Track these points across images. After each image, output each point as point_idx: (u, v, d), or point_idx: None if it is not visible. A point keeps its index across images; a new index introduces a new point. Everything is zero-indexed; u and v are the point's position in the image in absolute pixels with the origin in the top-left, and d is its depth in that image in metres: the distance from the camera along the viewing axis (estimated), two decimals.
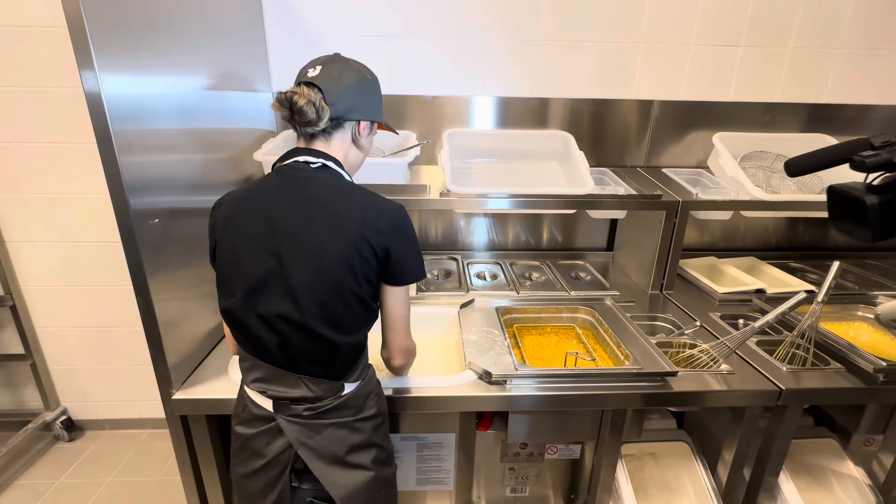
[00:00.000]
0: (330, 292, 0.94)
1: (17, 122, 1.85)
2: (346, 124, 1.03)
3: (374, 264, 0.96)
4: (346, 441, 1.00)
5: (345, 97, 0.99)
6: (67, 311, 2.14)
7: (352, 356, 1.01)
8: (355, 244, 0.93)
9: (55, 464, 2.17)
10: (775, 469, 1.35)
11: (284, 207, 0.95)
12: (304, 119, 0.95)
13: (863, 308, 1.60)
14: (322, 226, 0.93)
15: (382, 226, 0.95)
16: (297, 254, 0.92)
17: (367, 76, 1.05)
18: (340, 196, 0.97)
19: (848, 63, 1.90)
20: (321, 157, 1.00)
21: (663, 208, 1.64)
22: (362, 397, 1.04)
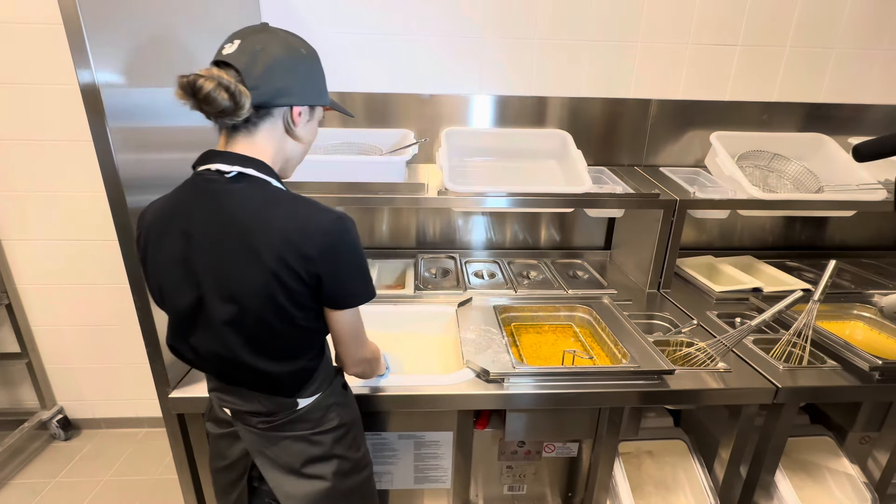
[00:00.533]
0: (256, 328, 0.83)
1: (12, 118, 1.84)
2: (276, 111, 0.84)
3: (305, 291, 0.83)
4: (303, 454, 0.96)
5: (271, 77, 0.80)
6: (63, 309, 2.13)
7: (301, 378, 0.93)
8: (276, 275, 0.79)
9: (51, 463, 2.17)
10: (772, 467, 1.36)
11: (198, 233, 0.81)
12: (215, 109, 0.76)
13: (859, 307, 1.61)
14: (238, 256, 0.79)
15: (310, 249, 0.80)
16: (215, 288, 0.81)
17: (300, 49, 0.86)
18: (259, 215, 0.80)
19: (845, 63, 1.90)
20: (237, 162, 0.82)
21: (661, 207, 1.64)
22: (321, 410, 0.97)
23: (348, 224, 0.85)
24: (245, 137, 0.84)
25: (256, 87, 0.79)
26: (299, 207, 0.83)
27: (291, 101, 0.85)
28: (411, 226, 2.04)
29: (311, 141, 0.95)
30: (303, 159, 0.97)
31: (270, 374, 0.89)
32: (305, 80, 0.86)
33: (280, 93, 0.82)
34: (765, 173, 1.88)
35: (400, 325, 1.59)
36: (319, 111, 0.94)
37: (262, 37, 0.82)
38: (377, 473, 1.37)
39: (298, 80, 0.85)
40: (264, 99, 0.81)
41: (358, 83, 1.84)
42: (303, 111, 0.87)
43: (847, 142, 1.89)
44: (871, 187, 1.66)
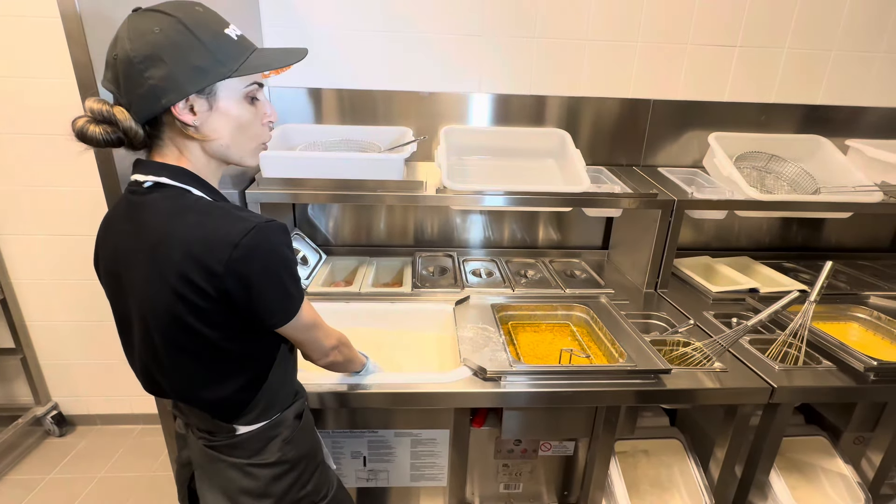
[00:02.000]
0: (168, 350, 0.76)
1: (8, 113, 1.83)
2: (165, 118, 0.73)
3: (216, 308, 0.74)
4: (235, 483, 0.87)
5: (132, 86, 0.68)
6: (58, 305, 2.13)
7: (233, 406, 0.84)
8: (178, 292, 0.71)
9: (46, 459, 2.16)
10: (766, 466, 1.36)
11: (121, 248, 0.77)
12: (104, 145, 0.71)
13: (854, 308, 1.62)
14: (144, 271, 0.73)
15: (214, 263, 0.70)
16: (133, 305, 0.77)
17: (150, 33, 0.67)
18: (164, 228, 0.72)
19: (843, 65, 1.91)
20: (153, 171, 0.75)
21: (659, 207, 1.64)
22: (261, 441, 0.88)
23: (265, 234, 0.73)
24: (159, 149, 0.77)
25: (130, 103, 0.70)
26: (211, 218, 0.73)
27: (164, 103, 0.70)
28: (409, 224, 2.04)
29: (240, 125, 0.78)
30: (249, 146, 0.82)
31: (196, 402, 0.83)
32: (173, 68, 0.69)
33: (147, 99, 0.69)
34: (762, 174, 1.89)
35: (397, 322, 1.59)
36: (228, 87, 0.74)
37: (116, 35, 0.70)
38: (373, 471, 1.37)
39: (160, 74, 0.68)
40: (144, 113, 0.70)
41: (357, 80, 1.83)
42: (192, 105, 0.72)
43: (844, 144, 1.90)
44: (868, 189, 1.66)
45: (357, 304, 1.59)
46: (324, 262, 1.90)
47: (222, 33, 0.73)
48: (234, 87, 0.75)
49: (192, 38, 0.69)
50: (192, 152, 0.77)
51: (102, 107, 0.69)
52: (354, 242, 2.05)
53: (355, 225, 2.03)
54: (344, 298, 1.61)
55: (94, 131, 0.68)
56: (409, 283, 1.72)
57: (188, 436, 0.93)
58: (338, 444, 1.33)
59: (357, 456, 1.35)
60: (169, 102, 0.70)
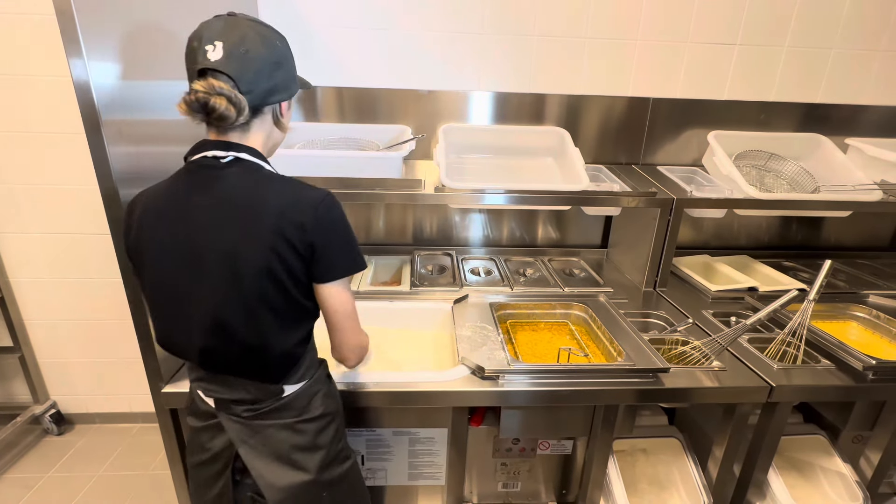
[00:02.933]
0: (252, 302, 0.85)
1: (4, 110, 1.82)
2: (266, 109, 0.89)
3: (299, 264, 0.86)
4: (287, 442, 0.96)
5: (260, 80, 0.84)
6: (57, 303, 2.12)
7: (287, 361, 0.94)
8: (273, 247, 0.83)
9: (44, 457, 2.15)
10: (765, 465, 1.36)
11: (196, 217, 0.84)
12: (224, 122, 0.83)
13: (853, 307, 1.62)
14: (235, 232, 0.83)
15: (304, 219, 0.84)
16: (217, 264, 0.84)
17: (276, 43, 0.88)
18: (255, 193, 0.85)
19: (843, 63, 1.90)
20: (232, 149, 0.87)
21: (658, 206, 1.64)
22: (306, 398, 0.98)
23: (335, 200, 0.89)
24: (240, 132, 0.89)
25: (250, 92, 0.84)
26: (290, 185, 0.88)
27: (280, 98, 0.90)
28: (408, 222, 2.04)
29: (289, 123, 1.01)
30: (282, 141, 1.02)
31: (260, 355, 0.90)
32: (288, 74, 0.91)
33: (270, 93, 0.87)
34: (761, 173, 1.88)
35: (396, 321, 1.58)
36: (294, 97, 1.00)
37: (241, 35, 0.83)
38: (371, 470, 1.37)
39: (283, 76, 0.89)
40: (258, 101, 0.86)
41: (355, 78, 1.83)
42: (287, 103, 0.95)
43: (844, 142, 1.90)
44: (867, 188, 1.66)
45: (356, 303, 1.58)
46: None
47: None
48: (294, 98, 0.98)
49: (291, 55, 0.93)
50: (264, 138, 0.93)
51: (232, 91, 0.81)
52: None
53: (354, 223, 1.99)
54: None
55: (217, 102, 0.79)
56: (408, 282, 1.72)
57: (222, 419, 0.97)
58: None
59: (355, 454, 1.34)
60: (282, 98, 0.91)
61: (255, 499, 1.07)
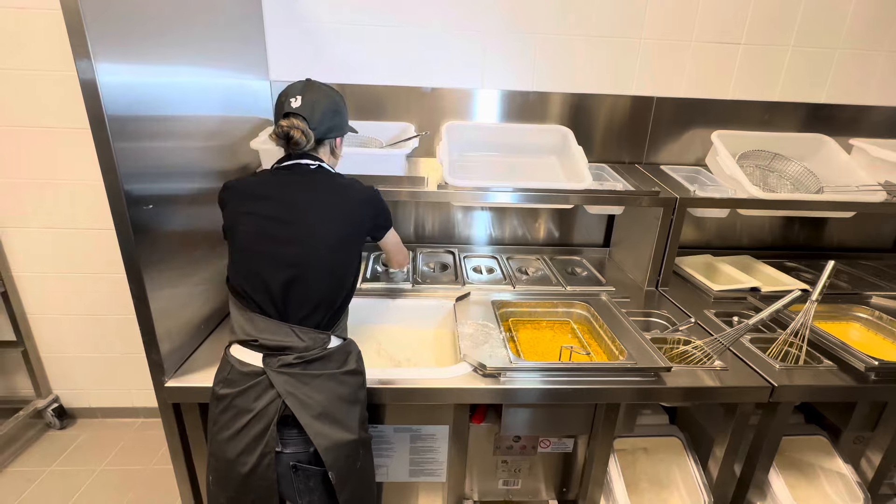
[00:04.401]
0: (338, 244, 1.14)
1: (8, 105, 1.82)
2: (326, 142, 1.23)
3: (365, 230, 1.24)
4: (333, 392, 1.08)
5: (323, 121, 1.18)
6: (60, 297, 2.13)
7: (340, 306, 1.17)
8: (354, 211, 1.20)
9: (46, 451, 2.16)
10: (766, 465, 1.36)
11: (296, 189, 1.16)
12: (298, 147, 1.16)
13: (856, 307, 1.61)
14: (329, 200, 1.16)
15: (370, 199, 1.24)
16: (310, 217, 1.13)
17: (336, 99, 1.22)
18: (338, 182, 1.22)
19: (847, 64, 1.90)
20: (316, 160, 1.21)
21: (661, 205, 1.64)
22: (344, 354, 1.14)
23: (377, 191, 1.28)
24: (312, 152, 1.22)
25: (316, 129, 1.17)
26: (358, 184, 1.24)
27: (336, 134, 1.24)
28: (410, 219, 2.04)
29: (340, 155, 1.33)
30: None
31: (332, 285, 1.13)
32: (342, 119, 1.24)
33: (330, 130, 1.21)
34: (765, 173, 1.88)
35: (398, 318, 1.59)
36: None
37: (314, 94, 1.17)
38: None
39: (338, 120, 1.23)
40: (321, 136, 1.19)
41: (359, 75, 1.83)
42: (341, 139, 1.28)
43: (848, 143, 1.89)
44: (871, 188, 1.66)
45: (357, 300, 1.58)
46: None
47: None
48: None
49: (345, 108, 1.27)
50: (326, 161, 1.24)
51: (304, 125, 1.14)
52: None
53: None
54: None
55: (294, 133, 1.13)
56: (410, 279, 1.72)
57: (270, 374, 1.04)
58: None
59: None
60: (337, 135, 1.25)
61: (296, 466, 1.05)
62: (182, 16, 1.23)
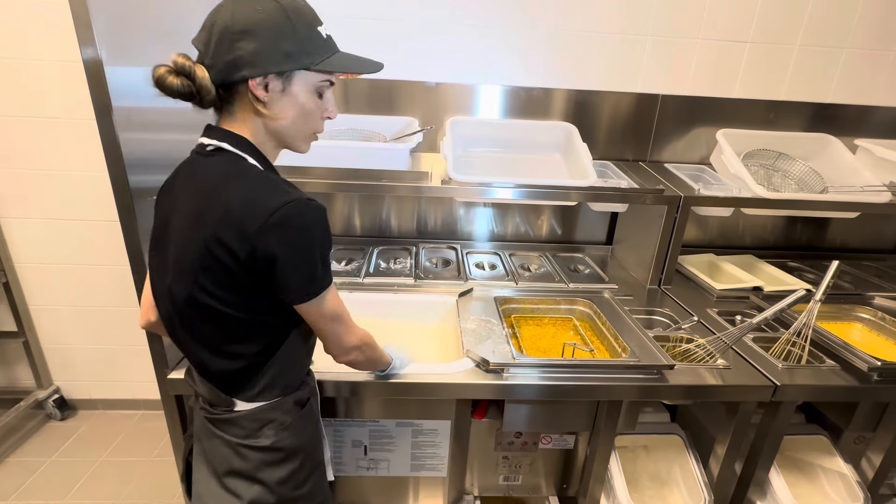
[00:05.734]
0: (191, 304, 0.80)
1: (12, 95, 1.82)
2: (240, 87, 0.78)
3: (241, 272, 0.76)
4: (227, 462, 0.88)
5: (220, 50, 0.74)
6: (61, 289, 2.13)
7: (236, 378, 0.86)
8: (207, 247, 0.75)
9: (47, 442, 2.17)
10: (766, 464, 1.36)
11: (174, 203, 0.83)
12: (175, 94, 0.75)
13: (859, 308, 1.61)
14: (188, 225, 0.78)
15: (248, 225, 0.73)
16: (171, 257, 0.82)
17: (252, 12, 0.74)
18: (216, 188, 0.77)
19: (854, 63, 1.89)
20: (218, 136, 0.81)
21: (665, 203, 1.63)
22: (257, 422, 0.87)
23: (303, 209, 0.76)
24: (227, 117, 0.83)
25: (212, 66, 0.75)
26: (258, 184, 0.77)
27: (245, 74, 0.76)
28: (412, 215, 2.03)
29: (302, 113, 0.83)
30: (306, 133, 0.87)
31: (203, 360, 0.85)
32: (261, 46, 0.75)
33: (231, 66, 0.75)
34: (769, 172, 1.88)
35: (400, 313, 1.59)
36: (304, 78, 0.81)
37: (219, 7, 0.76)
38: (374, 460, 1.38)
39: (250, 48, 0.74)
40: (221, 76, 0.76)
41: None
42: (268, 83, 0.77)
43: (853, 143, 1.89)
44: (876, 189, 1.65)
45: (359, 294, 1.59)
46: None
47: (315, 29, 0.82)
48: (308, 79, 0.82)
49: (288, 25, 0.77)
50: (255, 126, 0.82)
51: (186, 62, 0.74)
52: (356, 233, 2.04)
53: (358, 214, 2.02)
54: (347, 288, 1.61)
55: (171, 81, 0.73)
56: (413, 274, 1.71)
57: (195, 408, 0.94)
58: (339, 432, 1.34)
59: (358, 445, 1.35)
60: (248, 75, 0.76)
61: None
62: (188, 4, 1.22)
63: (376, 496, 1.45)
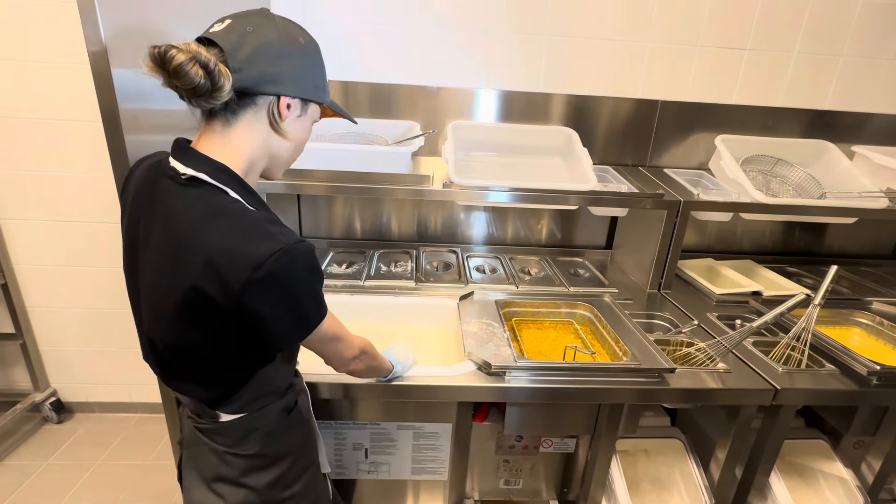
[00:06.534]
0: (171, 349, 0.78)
1: (13, 96, 1.82)
2: (260, 100, 0.75)
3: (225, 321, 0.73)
4: (214, 468, 0.88)
5: (258, 60, 0.72)
6: (60, 291, 2.12)
7: (217, 397, 0.84)
8: (186, 298, 0.71)
9: (43, 445, 2.15)
10: (767, 468, 1.37)
11: (143, 226, 0.76)
12: (187, 84, 0.67)
13: (857, 313, 1.63)
14: (164, 266, 0.73)
15: (232, 281, 0.68)
16: (143, 289, 0.79)
17: (297, 38, 0.77)
18: (194, 229, 0.71)
19: (851, 71, 1.91)
20: (194, 164, 0.73)
21: (665, 207, 1.64)
22: (242, 431, 0.87)
23: (290, 258, 0.70)
24: (222, 127, 0.76)
25: (240, 70, 0.71)
26: (241, 227, 0.71)
27: (280, 91, 0.75)
28: (413, 218, 2.04)
29: (302, 141, 0.86)
30: (291, 162, 0.87)
31: (181, 388, 0.86)
32: (300, 71, 0.78)
33: (267, 78, 0.74)
34: (767, 178, 1.89)
35: (400, 316, 1.59)
36: (314, 110, 0.85)
37: (257, 19, 0.74)
38: (375, 463, 1.37)
39: (291, 69, 0.76)
40: (248, 83, 0.72)
41: (364, 73, 1.83)
42: (293, 104, 0.78)
43: (850, 150, 1.91)
44: (873, 195, 1.67)
45: (361, 297, 1.59)
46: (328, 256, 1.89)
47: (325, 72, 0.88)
48: (315, 112, 0.87)
49: (321, 63, 0.85)
50: (258, 141, 0.79)
51: (211, 56, 0.68)
52: (356, 236, 2.04)
53: (359, 217, 2.02)
54: (348, 291, 1.61)
55: (195, 71, 0.67)
56: (413, 278, 1.72)
57: (182, 415, 0.94)
58: (340, 435, 1.33)
59: (359, 448, 1.35)
60: (283, 92, 0.77)
61: None
62: (190, 9, 1.23)
63: (376, 500, 1.45)
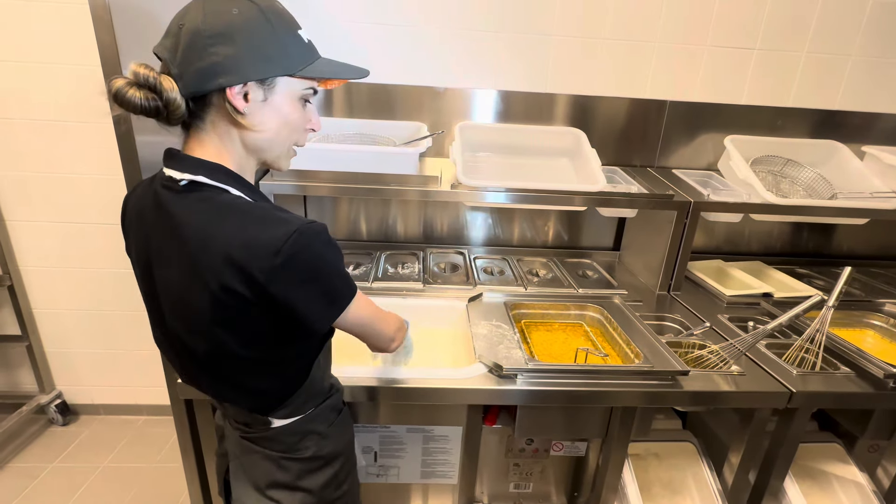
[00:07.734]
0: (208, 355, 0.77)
1: (19, 97, 1.82)
2: (214, 98, 0.70)
3: (259, 313, 0.72)
4: (268, 475, 0.88)
5: (190, 57, 0.66)
6: (65, 292, 2.11)
7: (268, 402, 0.84)
8: (217, 299, 0.69)
9: (49, 447, 2.15)
10: (781, 472, 1.35)
11: (156, 244, 0.74)
12: (135, 111, 0.66)
13: (870, 315, 1.61)
14: (185, 277, 0.71)
15: (256, 272, 0.68)
16: (169, 305, 0.76)
17: (228, 12, 0.66)
18: (204, 232, 0.69)
19: (861, 71, 1.90)
20: (189, 168, 0.71)
21: (675, 208, 1.63)
22: (297, 436, 0.87)
23: (307, 238, 0.70)
24: (196, 135, 0.73)
25: (181, 76, 0.67)
26: (251, 220, 0.70)
27: (222, 83, 0.68)
28: (419, 220, 2.03)
29: (285, 124, 0.76)
30: (285, 149, 0.80)
31: (233, 392, 0.84)
32: (241, 50, 0.67)
33: (204, 74, 0.66)
34: (777, 178, 1.88)
35: (410, 318, 1.56)
36: (287, 84, 0.74)
37: (190, 11, 0.68)
38: (384, 467, 1.36)
39: (227, 52, 0.66)
40: (192, 87, 0.67)
41: (372, 74, 1.80)
42: (248, 92, 0.70)
43: (860, 150, 1.89)
44: (885, 195, 1.65)
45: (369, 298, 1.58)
46: None
47: (295, 32, 0.74)
48: (292, 86, 0.75)
49: (268, 28, 0.69)
50: (233, 142, 0.74)
51: (149, 73, 0.65)
52: (362, 237, 2.03)
53: (364, 219, 2.02)
54: None
55: (133, 95, 0.64)
56: (421, 279, 1.71)
57: (226, 427, 0.94)
58: None
59: (368, 451, 1.34)
60: (226, 83, 0.68)
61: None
62: None
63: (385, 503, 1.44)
